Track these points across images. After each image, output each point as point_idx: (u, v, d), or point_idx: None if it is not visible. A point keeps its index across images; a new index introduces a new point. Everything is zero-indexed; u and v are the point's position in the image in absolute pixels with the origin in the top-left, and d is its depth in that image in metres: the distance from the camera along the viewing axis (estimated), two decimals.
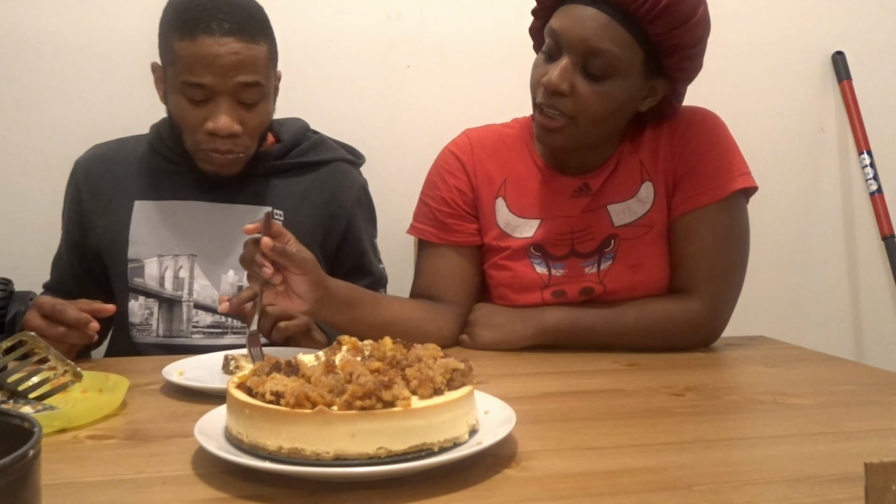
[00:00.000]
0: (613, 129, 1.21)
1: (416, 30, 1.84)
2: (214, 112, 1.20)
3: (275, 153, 1.35)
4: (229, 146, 1.23)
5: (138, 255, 1.30)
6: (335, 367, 0.69)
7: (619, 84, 1.13)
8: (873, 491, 0.50)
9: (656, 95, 1.19)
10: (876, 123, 2.06)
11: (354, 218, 1.40)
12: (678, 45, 1.12)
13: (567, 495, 0.63)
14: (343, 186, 1.40)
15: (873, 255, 2.12)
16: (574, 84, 1.12)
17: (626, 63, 1.11)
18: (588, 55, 1.11)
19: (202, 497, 0.62)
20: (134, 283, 1.29)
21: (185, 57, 1.18)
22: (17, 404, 0.84)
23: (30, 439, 0.44)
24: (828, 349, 1.28)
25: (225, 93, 1.19)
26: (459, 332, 1.26)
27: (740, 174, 1.21)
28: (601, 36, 1.09)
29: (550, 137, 1.18)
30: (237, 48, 1.18)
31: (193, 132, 1.23)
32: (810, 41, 2.05)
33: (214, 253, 1.30)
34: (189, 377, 0.95)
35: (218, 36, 1.17)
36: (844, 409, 0.90)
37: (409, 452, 0.63)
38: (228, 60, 1.17)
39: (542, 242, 1.25)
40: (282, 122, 1.41)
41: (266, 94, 1.24)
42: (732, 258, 1.21)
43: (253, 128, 1.24)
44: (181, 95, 1.21)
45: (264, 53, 1.22)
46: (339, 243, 1.39)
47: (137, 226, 1.30)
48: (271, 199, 1.34)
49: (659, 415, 0.87)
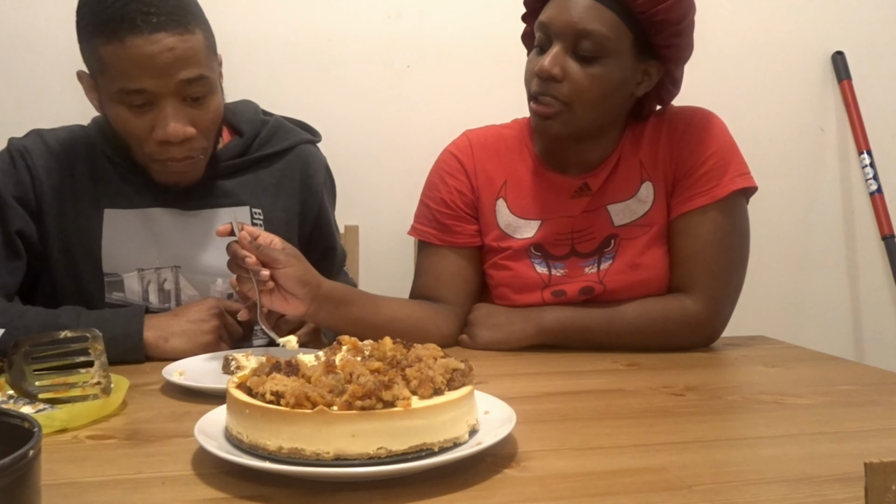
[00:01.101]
0: (610, 115, 1.21)
1: (416, 30, 1.84)
2: (161, 118, 1.10)
3: (238, 149, 1.28)
4: (185, 152, 1.13)
5: (115, 268, 1.21)
6: (335, 367, 0.69)
7: (610, 65, 1.14)
8: (873, 491, 0.50)
9: (651, 79, 1.20)
10: (876, 123, 2.06)
11: (324, 202, 1.37)
12: (664, 22, 1.13)
13: (567, 495, 0.63)
14: (311, 171, 1.35)
15: (873, 255, 2.12)
16: (566, 68, 1.14)
17: (616, 43, 1.13)
18: (577, 38, 1.13)
19: (202, 497, 0.62)
20: (113, 299, 1.21)
21: (116, 63, 1.07)
22: (18, 404, 0.84)
23: (30, 439, 0.44)
24: (828, 349, 1.28)
25: (168, 94, 1.09)
26: (459, 332, 1.26)
27: (739, 174, 1.21)
28: (588, 18, 1.12)
29: (547, 125, 1.18)
30: (172, 43, 1.06)
31: (142, 143, 1.13)
32: (810, 41, 2.06)
33: (199, 262, 1.24)
34: (189, 377, 0.95)
35: (147, 33, 1.05)
36: (844, 409, 0.90)
37: (409, 452, 0.63)
38: (165, 59, 1.06)
39: (542, 242, 1.25)
40: (233, 110, 1.30)
41: (213, 86, 1.14)
42: (732, 258, 1.21)
43: (206, 126, 1.15)
44: (120, 105, 1.10)
45: (201, 42, 1.10)
46: (312, 228, 1.36)
47: (110, 237, 1.20)
48: (246, 197, 1.28)
49: (659, 415, 0.87)
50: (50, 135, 1.24)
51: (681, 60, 1.21)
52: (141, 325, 1.10)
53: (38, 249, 1.20)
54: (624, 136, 1.26)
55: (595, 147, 1.25)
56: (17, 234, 1.18)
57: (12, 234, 1.17)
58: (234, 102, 1.33)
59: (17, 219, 1.18)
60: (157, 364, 1.04)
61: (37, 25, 1.68)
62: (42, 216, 1.20)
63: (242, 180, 1.28)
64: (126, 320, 1.10)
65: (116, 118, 1.12)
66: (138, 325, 1.10)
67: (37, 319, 1.09)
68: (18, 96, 1.69)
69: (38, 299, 1.19)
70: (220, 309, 1.16)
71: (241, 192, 1.28)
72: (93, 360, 0.87)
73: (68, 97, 1.69)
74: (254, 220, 1.28)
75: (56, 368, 0.87)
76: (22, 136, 1.24)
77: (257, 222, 1.28)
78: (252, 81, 1.59)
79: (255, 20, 1.78)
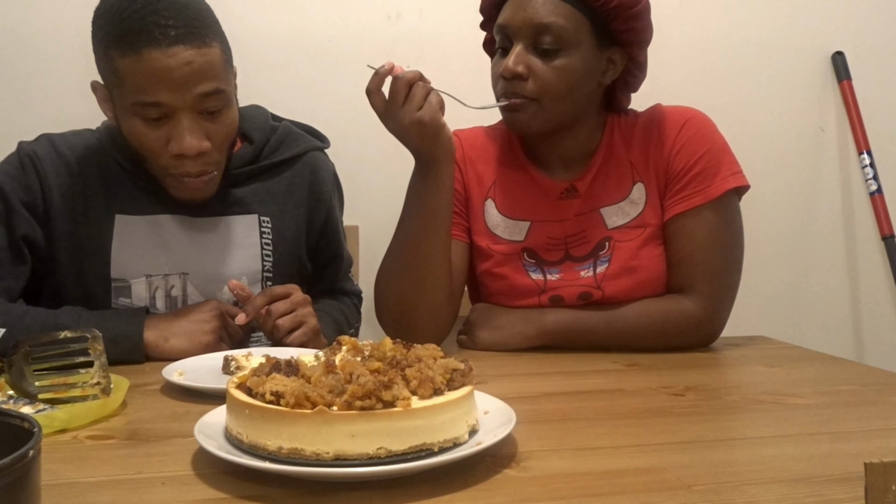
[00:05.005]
0: (580, 106, 1.21)
1: (416, 30, 1.85)
2: (177, 132, 1.09)
3: (248, 157, 1.27)
4: (200, 166, 1.13)
5: (123, 274, 1.20)
6: (335, 367, 0.69)
7: (573, 56, 1.15)
8: (873, 491, 0.50)
9: (616, 67, 1.21)
10: (876, 123, 2.06)
11: (332, 208, 1.37)
12: (620, 6, 1.14)
13: (567, 495, 0.63)
14: (320, 178, 1.35)
15: (873, 255, 2.12)
16: (530, 65, 1.15)
17: (575, 34, 1.14)
18: (537, 34, 1.14)
19: (202, 497, 0.62)
20: (119, 304, 1.20)
21: (132, 76, 1.05)
22: (18, 404, 0.84)
23: (30, 439, 0.44)
24: (828, 349, 1.28)
25: (184, 108, 1.08)
26: (452, 313, 1.24)
27: (731, 174, 1.21)
28: (544, 12, 1.14)
29: (516, 118, 1.19)
30: (190, 56, 1.05)
31: (157, 156, 1.12)
32: (810, 41, 2.06)
33: (207, 270, 1.24)
34: (189, 377, 0.95)
35: (165, 46, 1.03)
36: (844, 409, 0.90)
37: (409, 452, 0.63)
38: (182, 73, 1.05)
39: (534, 248, 1.25)
40: (244, 116, 1.28)
41: (229, 99, 1.13)
42: (727, 258, 1.21)
43: (222, 140, 1.14)
44: (135, 118, 1.09)
45: (219, 55, 1.10)
46: (319, 235, 1.36)
47: (121, 243, 1.20)
48: (256, 205, 1.28)
49: (659, 415, 0.87)
50: (60, 140, 1.23)
51: (643, 44, 1.21)
52: (141, 326, 1.10)
53: (44, 255, 1.20)
54: (605, 131, 1.26)
55: (573, 142, 1.25)
56: (23, 239, 1.17)
57: (18, 239, 1.17)
58: (244, 108, 1.31)
59: (24, 224, 1.17)
60: (157, 364, 1.04)
61: (39, 26, 1.68)
62: (50, 221, 1.19)
63: (252, 188, 1.28)
64: (126, 320, 1.10)
65: (131, 130, 1.11)
66: (138, 326, 1.10)
67: (38, 320, 1.09)
68: (19, 97, 1.69)
69: (42, 303, 1.19)
70: (221, 310, 1.16)
71: (251, 200, 1.28)
72: (93, 360, 0.87)
73: (71, 99, 1.69)
74: (262, 227, 1.28)
75: (56, 368, 0.87)
76: (32, 141, 1.23)
77: (265, 230, 1.28)
78: (251, 81, 1.59)
79: (255, 20, 1.78)
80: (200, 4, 1.11)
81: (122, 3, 1.06)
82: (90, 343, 0.87)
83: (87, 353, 0.87)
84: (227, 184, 1.25)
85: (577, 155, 1.26)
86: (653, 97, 1.29)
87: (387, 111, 1.11)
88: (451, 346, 1.24)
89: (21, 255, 1.18)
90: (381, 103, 1.11)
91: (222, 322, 1.15)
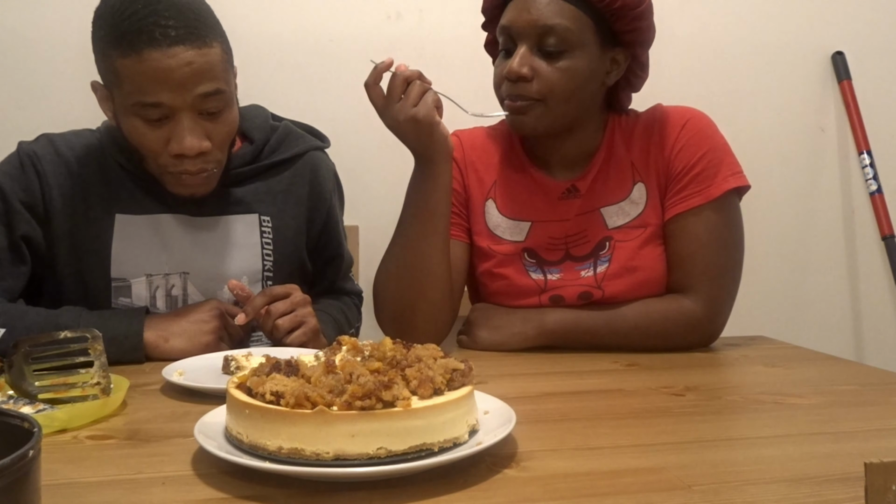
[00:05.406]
0: (584, 107, 1.21)
1: (416, 30, 1.85)
2: (177, 132, 1.09)
3: (249, 156, 1.27)
4: (200, 165, 1.13)
5: (123, 273, 1.20)
6: (335, 367, 0.69)
7: (577, 57, 1.15)
8: (873, 491, 0.51)
9: (619, 67, 1.21)
10: (876, 123, 2.06)
11: (332, 208, 1.37)
12: (623, 7, 1.14)
13: (567, 495, 0.63)
14: (320, 178, 1.35)
15: (873, 255, 2.12)
16: (534, 67, 1.15)
17: (579, 35, 1.14)
18: (541, 35, 1.14)
19: (202, 497, 0.62)
20: (119, 304, 1.20)
21: (132, 76, 1.05)
22: (18, 404, 0.84)
23: (30, 439, 0.44)
24: (828, 349, 1.28)
25: (185, 108, 1.08)
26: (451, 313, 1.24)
27: (732, 174, 1.21)
28: (548, 13, 1.13)
29: (521, 121, 1.19)
30: (190, 57, 1.05)
31: (157, 156, 1.12)
32: (810, 41, 2.06)
33: (208, 269, 1.24)
34: (189, 377, 0.95)
35: (165, 47, 1.03)
36: (844, 409, 0.90)
37: (409, 452, 0.63)
38: (183, 73, 1.05)
39: (535, 248, 1.25)
40: (244, 115, 1.28)
41: (230, 99, 1.13)
42: (728, 257, 1.21)
43: (222, 140, 1.14)
44: (135, 118, 1.09)
45: (219, 55, 1.10)
46: (320, 235, 1.36)
47: (121, 242, 1.20)
48: (256, 205, 1.28)
49: (659, 415, 0.87)
50: (60, 140, 1.23)
51: (645, 44, 1.21)
52: (141, 326, 1.10)
53: (44, 255, 1.20)
54: (606, 131, 1.26)
55: (575, 142, 1.25)
56: (23, 238, 1.17)
57: (18, 239, 1.17)
58: (244, 107, 1.31)
59: (24, 224, 1.17)
60: (157, 364, 1.04)
61: (39, 26, 1.69)
62: (50, 221, 1.19)
63: (252, 188, 1.28)
64: (126, 321, 1.10)
65: (131, 130, 1.11)
66: (138, 326, 1.10)
67: (38, 320, 1.09)
68: (19, 97, 1.69)
69: (42, 303, 1.19)
70: (221, 310, 1.16)
71: (251, 200, 1.28)
72: (93, 360, 0.87)
73: (71, 99, 1.69)
74: (262, 227, 1.28)
75: (56, 369, 0.87)
76: (32, 141, 1.23)
77: (266, 229, 1.28)
78: (251, 81, 1.59)
79: (255, 20, 1.78)
80: (201, 5, 1.11)
81: (123, 3, 1.06)
82: (90, 343, 0.87)
83: (87, 353, 0.87)
84: (227, 183, 1.25)
85: (578, 155, 1.26)
86: (653, 97, 1.29)
87: (384, 106, 1.11)
88: (451, 346, 1.24)
89: (21, 255, 1.18)
90: (378, 98, 1.12)
91: (222, 322, 1.15)
